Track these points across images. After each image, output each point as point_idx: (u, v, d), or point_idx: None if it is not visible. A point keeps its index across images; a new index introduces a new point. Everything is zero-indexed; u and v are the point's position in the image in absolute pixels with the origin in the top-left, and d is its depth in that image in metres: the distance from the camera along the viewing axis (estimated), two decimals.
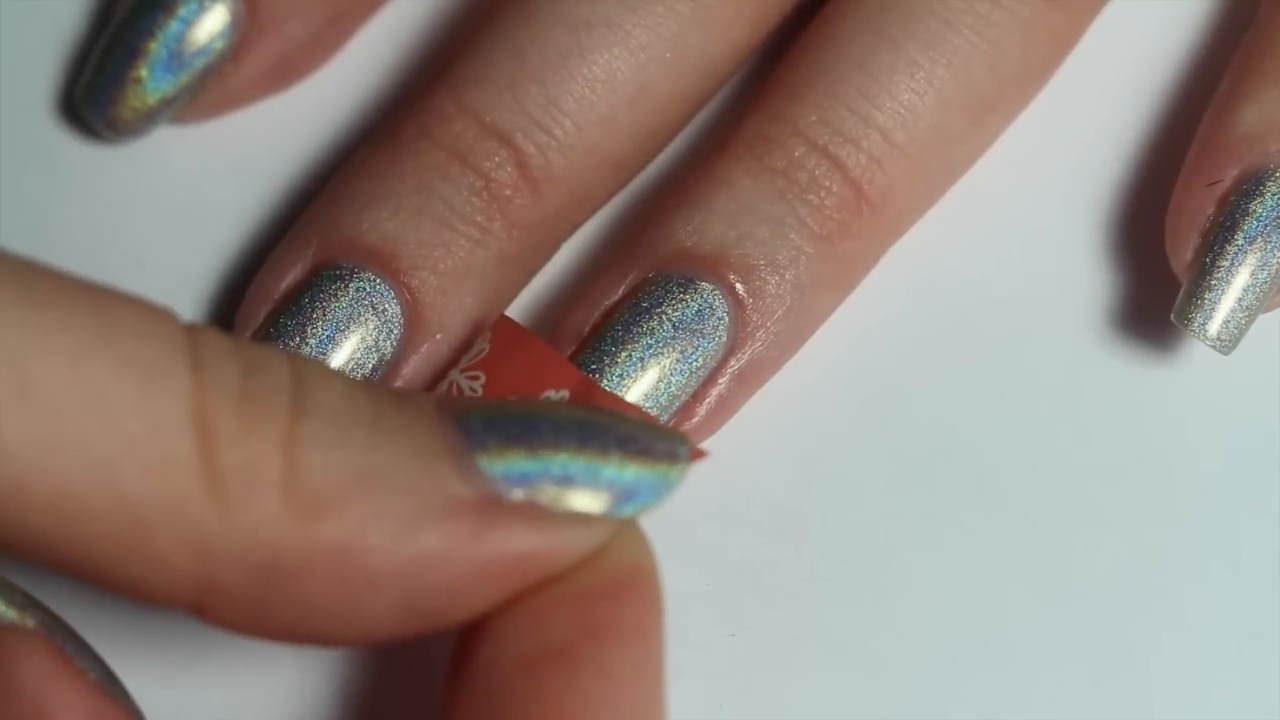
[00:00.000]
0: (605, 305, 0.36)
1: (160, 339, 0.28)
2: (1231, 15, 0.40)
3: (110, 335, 0.27)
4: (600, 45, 0.36)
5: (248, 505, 0.27)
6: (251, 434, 0.28)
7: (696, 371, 0.36)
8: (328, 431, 0.28)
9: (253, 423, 0.28)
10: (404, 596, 0.28)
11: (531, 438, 0.29)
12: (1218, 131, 0.37)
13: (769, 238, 0.36)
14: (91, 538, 0.27)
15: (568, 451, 0.29)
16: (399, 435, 0.29)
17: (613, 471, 0.29)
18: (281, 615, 0.28)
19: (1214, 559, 0.37)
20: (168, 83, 0.37)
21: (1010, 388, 0.38)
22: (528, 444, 0.29)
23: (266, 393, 0.28)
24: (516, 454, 0.29)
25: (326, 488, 0.28)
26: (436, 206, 0.36)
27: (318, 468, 0.28)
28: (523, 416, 0.29)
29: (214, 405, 0.27)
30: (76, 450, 0.27)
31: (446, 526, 0.28)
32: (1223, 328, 0.36)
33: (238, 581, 0.28)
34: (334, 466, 0.28)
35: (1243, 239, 0.36)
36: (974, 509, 0.37)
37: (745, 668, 0.36)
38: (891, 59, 0.37)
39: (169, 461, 0.27)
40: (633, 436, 0.30)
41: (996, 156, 0.38)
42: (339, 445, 0.28)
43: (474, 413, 0.29)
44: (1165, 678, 0.36)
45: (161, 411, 0.27)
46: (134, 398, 0.27)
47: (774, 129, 0.36)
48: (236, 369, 0.28)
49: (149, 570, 0.28)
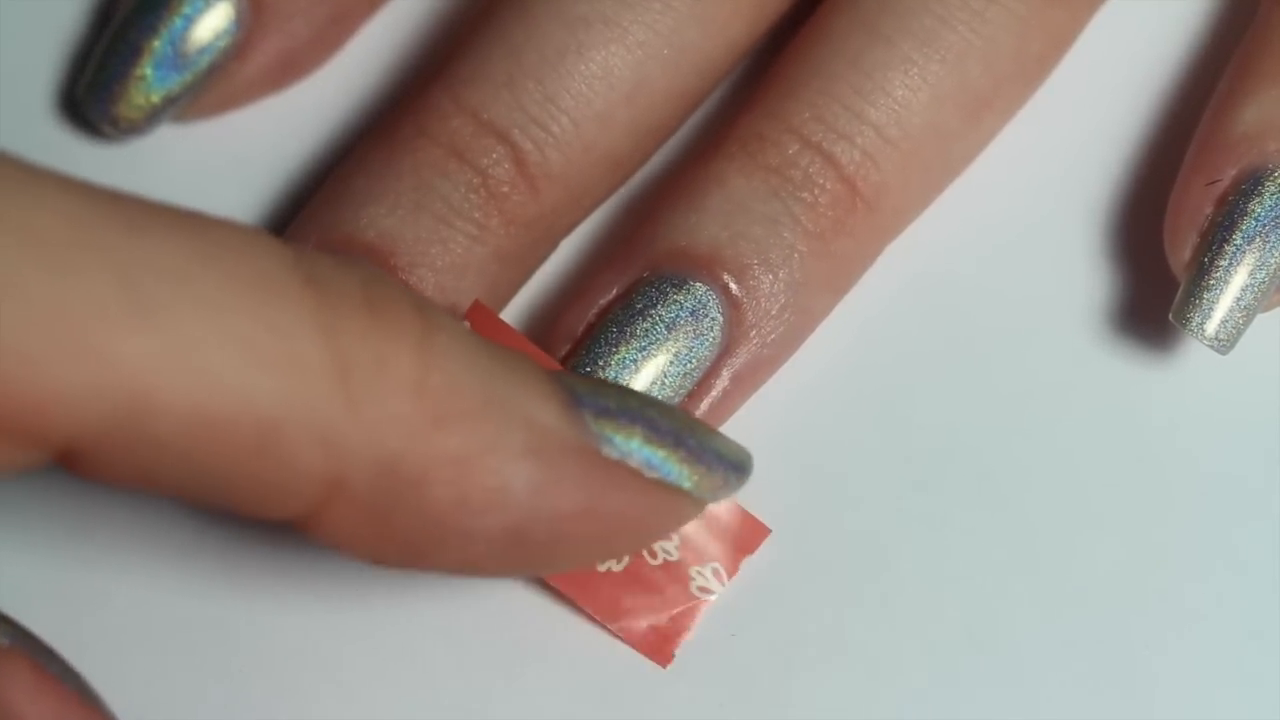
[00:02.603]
0: (599, 305, 0.36)
1: (269, 255, 0.28)
2: (1230, 14, 0.40)
3: (216, 253, 0.27)
4: (598, 42, 0.36)
5: (379, 402, 0.28)
6: (384, 334, 0.28)
7: (691, 371, 0.36)
8: (457, 348, 0.29)
9: (384, 325, 0.28)
10: (514, 522, 0.29)
11: (630, 415, 0.31)
12: (1216, 131, 0.37)
13: (763, 236, 0.36)
14: (221, 446, 0.27)
15: (672, 427, 0.31)
16: (519, 373, 0.30)
17: (704, 451, 0.32)
18: (399, 526, 0.29)
19: (1214, 559, 0.36)
20: (171, 80, 0.37)
21: (1009, 387, 0.38)
22: (628, 419, 0.31)
23: (392, 302, 0.28)
24: (617, 425, 0.31)
25: (457, 399, 0.28)
26: (434, 203, 0.36)
27: (450, 377, 0.28)
28: (622, 396, 0.31)
29: (338, 309, 0.28)
30: (200, 361, 0.27)
31: (561, 462, 0.29)
32: (1221, 327, 0.36)
33: (363, 482, 0.28)
34: (464, 381, 0.29)
35: (1241, 238, 0.36)
36: (974, 509, 0.37)
37: (745, 668, 0.36)
38: (886, 56, 0.36)
39: (295, 362, 0.27)
40: (712, 438, 0.32)
41: (994, 155, 0.38)
42: (469, 364, 0.29)
43: (577, 382, 0.31)
44: (1166, 678, 0.36)
45: (281, 316, 0.27)
46: (250, 307, 0.27)
47: (768, 126, 0.36)
48: (356, 282, 0.28)
49: (279, 473, 0.28)
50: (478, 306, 0.34)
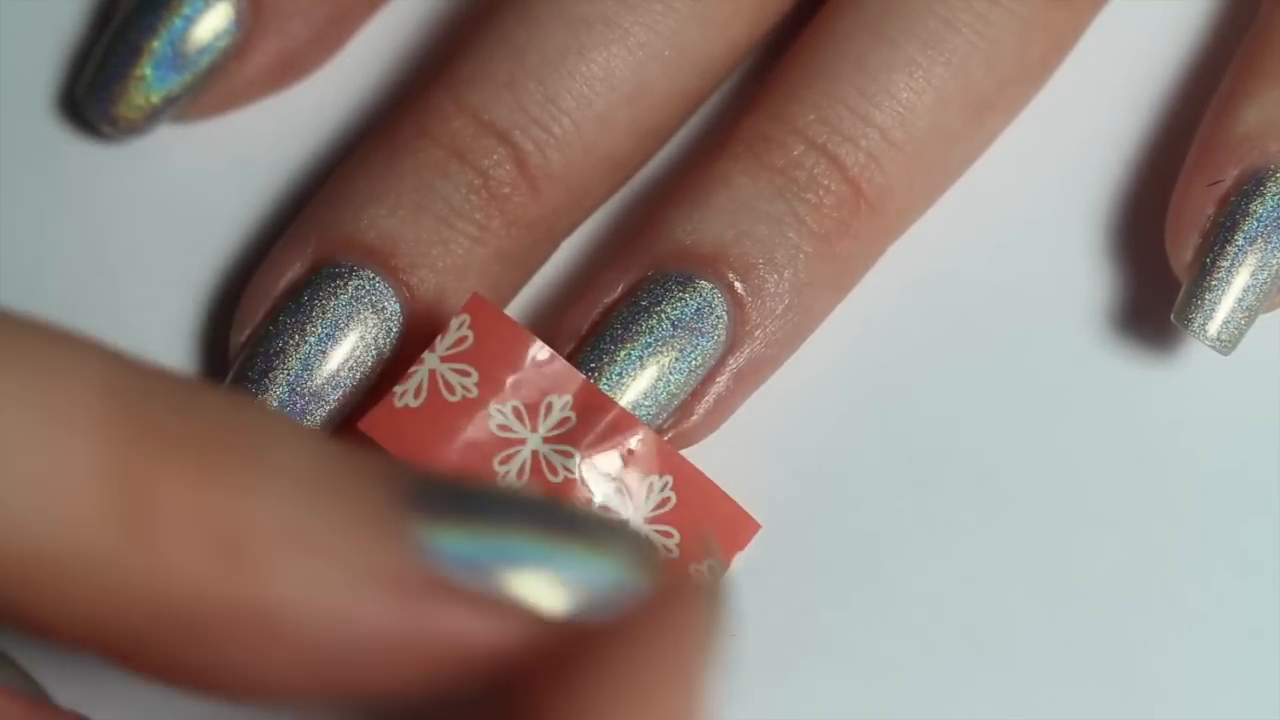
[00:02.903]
0: (604, 304, 0.36)
1: (75, 376, 0.26)
2: (1231, 15, 0.40)
3: (11, 371, 0.25)
4: (599, 43, 0.36)
5: (170, 551, 0.26)
6: (182, 478, 0.26)
7: (695, 370, 0.36)
8: (270, 484, 0.26)
9: (183, 467, 0.26)
10: (327, 666, 0.27)
11: (488, 516, 0.27)
12: (1218, 131, 0.37)
13: (768, 236, 0.36)
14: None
15: (525, 534, 0.27)
16: (344, 497, 0.27)
17: (570, 560, 0.27)
18: (194, 670, 0.27)
19: (1214, 559, 0.37)
20: (170, 81, 0.37)
21: (1010, 388, 0.38)
22: (483, 521, 0.27)
23: (203, 436, 0.26)
24: (469, 531, 0.27)
25: (263, 544, 0.26)
26: (435, 204, 0.36)
27: (255, 521, 0.26)
28: (483, 495, 0.27)
29: (136, 446, 0.25)
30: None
31: (380, 601, 0.26)
32: (1223, 328, 0.36)
33: (150, 632, 0.26)
34: (273, 522, 0.26)
35: (1243, 239, 0.36)
36: (974, 509, 0.37)
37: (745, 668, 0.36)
38: (890, 58, 0.36)
39: (78, 505, 0.25)
40: (598, 529, 0.28)
41: (997, 156, 0.38)
42: (280, 501, 0.26)
43: (429, 482, 0.27)
44: (1166, 678, 0.36)
45: (68, 453, 0.25)
46: (35, 438, 0.25)
47: (772, 128, 0.36)
48: (168, 410, 0.26)
49: (56, 619, 0.26)
50: (476, 299, 0.34)
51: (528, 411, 0.34)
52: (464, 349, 0.34)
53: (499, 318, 0.34)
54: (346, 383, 0.36)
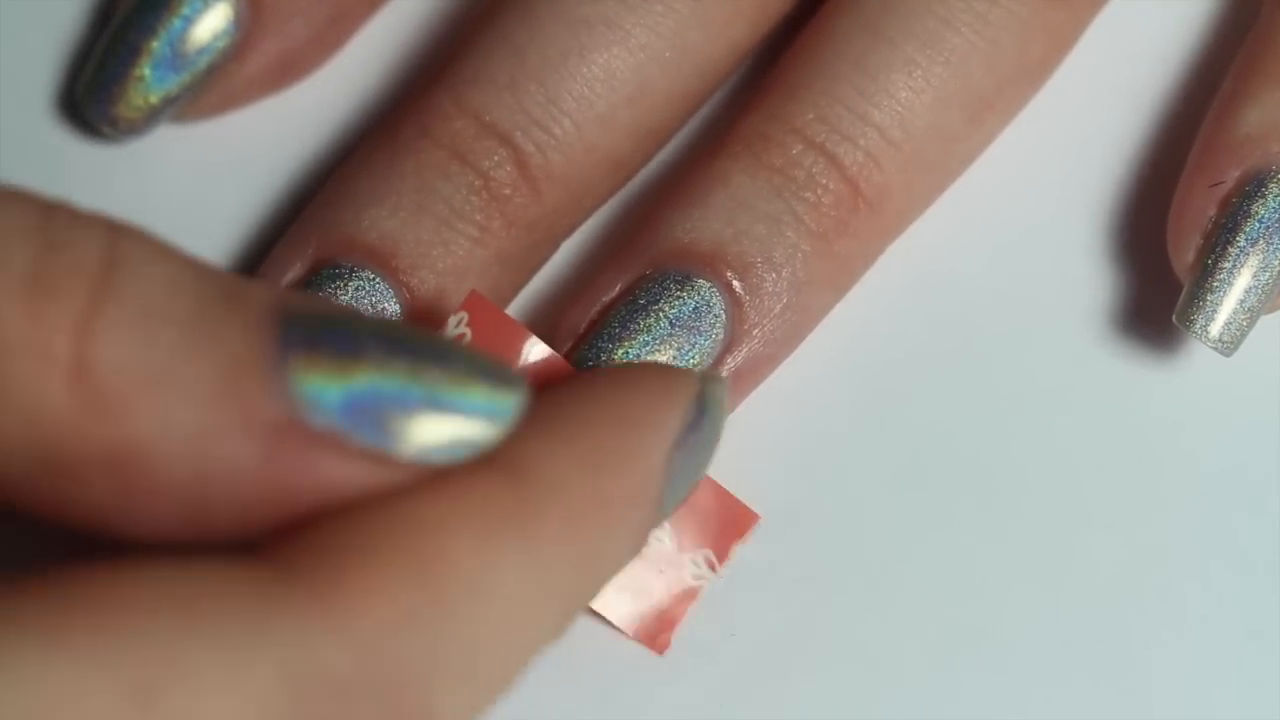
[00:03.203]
0: (602, 302, 0.36)
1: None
2: (1232, 16, 0.40)
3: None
4: (599, 44, 0.36)
5: (28, 392, 0.26)
6: (38, 318, 0.26)
7: (693, 368, 0.36)
8: (129, 323, 0.26)
9: (40, 307, 0.26)
10: (187, 507, 0.27)
11: (355, 352, 0.27)
12: (1219, 133, 0.37)
13: (766, 235, 0.36)
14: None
15: (390, 372, 0.27)
16: (211, 337, 0.26)
17: (439, 397, 0.27)
18: (62, 507, 0.27)
19: (1214, 559, 0.37)
20: (170, 81, 0.37)
21: (1010, 388, 0.38)
22: (349, 359, 0.27)
23: (64, 273, 0.26)
24: (335, 369, 0.27)
25: (116, 385, 0.26)
26: (436, 205, 0.36)
27: (110, 362, 0.26)
28: (349, 329, 0.27)
29: (7, 290, 0.26)
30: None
31: (236, 444, 0.26)
32: (1224, 329, 0.36)
33: (15, 472, 0.26)
34: (128, 363, 0.26)
35: (1244, 240, 0.36)
36: (974, 510, 0.37)
37: (745, 668, 0.36)
38: (889, 57, 0.37)
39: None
40: (468, 363, 0.28)
41: (997, 157, 0.38)
42: (139, 341, 0.26)
43: (303, 317, 0.27)
44: (1165, 677, 0.36)
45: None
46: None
47: (771, 127, 0.36)
48: (32, 246, 0.26)
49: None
50: (474, 297, 0.34)
51: None
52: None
53: (497, 315, 0.34)
54: None
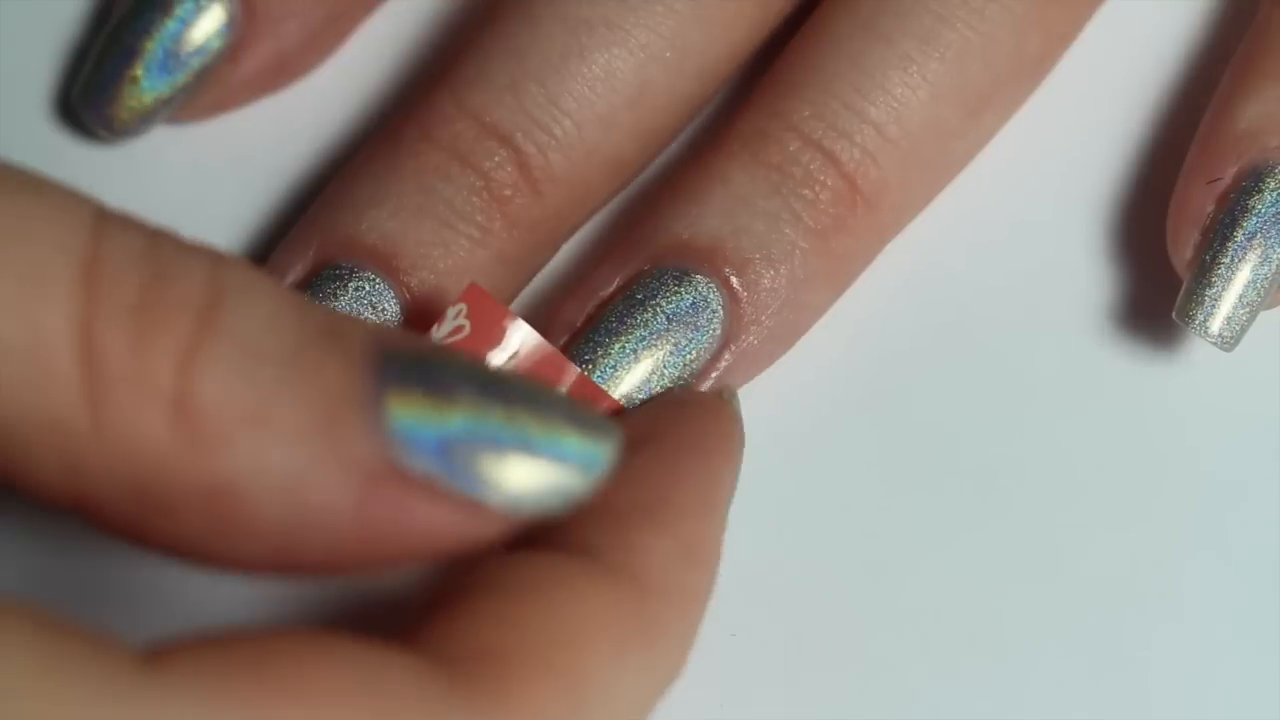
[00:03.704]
0: (600, 297, 0.36)
1: (51, 241, 0.26)
2: (1231, 12, 0.40)
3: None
4: (600, 45, 0.36)
5: (129, 422, 0.26)
6: (143, 350, 0.26)
7: (690, 364, 0.36)
8: (232, 358, 0.26)
9: (146, 338, 0.26)
10: (279, 544, 0.27)
11: (450, 391, 0.27)
12: (1218, 128, 0.37)
13: (764, 232, 0.36)
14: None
15: (485, 414, 0.27)
16: (310, 374, 0.26)
17: (535, 440, 0.27)
18: (156, 535, 0.27)
19: (1215, 558, 0.37)
20: (164, 83, 0.37)
21: (1008, 386, 0.38)
22: (445, 398, 0.27)
23: (171, 306, 0.26)
24: (431, 408, 0.27)
25: (218, 419, 0.26)
26: (437, 206, 0.36)
27: (210, 397, 0.26)
28: (445, 368, 0.27)
29: (103, 318, 0.26)
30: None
31: (332, 486, 0.26)
32: (1225, 325, 0.36)
33: (111, 499, 0.26)
34: (230, 399, 0.26)
35: (1243, 235, 0.36)
36: (973, 508, 0.37)
37: (745, 668, 0.36)
38: (885, 54, 0.37)
39: (45, 375, 0.26)
40: (562, 409, 0.28)
41: (995, 153, 0.38)
42: (241, 376, 0.26)
43: (400, 355, 0.27)
44: (1164, 676, 0.36)
45: (39, 322, 0.26)
46: (13, 310, 0.26)
47: (768, 124, 0.36)
48: (139, 277, 0.26)
49: (35, 481, 0.26)
50: (473, 289, 0.34)
51: None
52: (460, 338, 0.34)
53: (495, 307, 0.34)
54: None
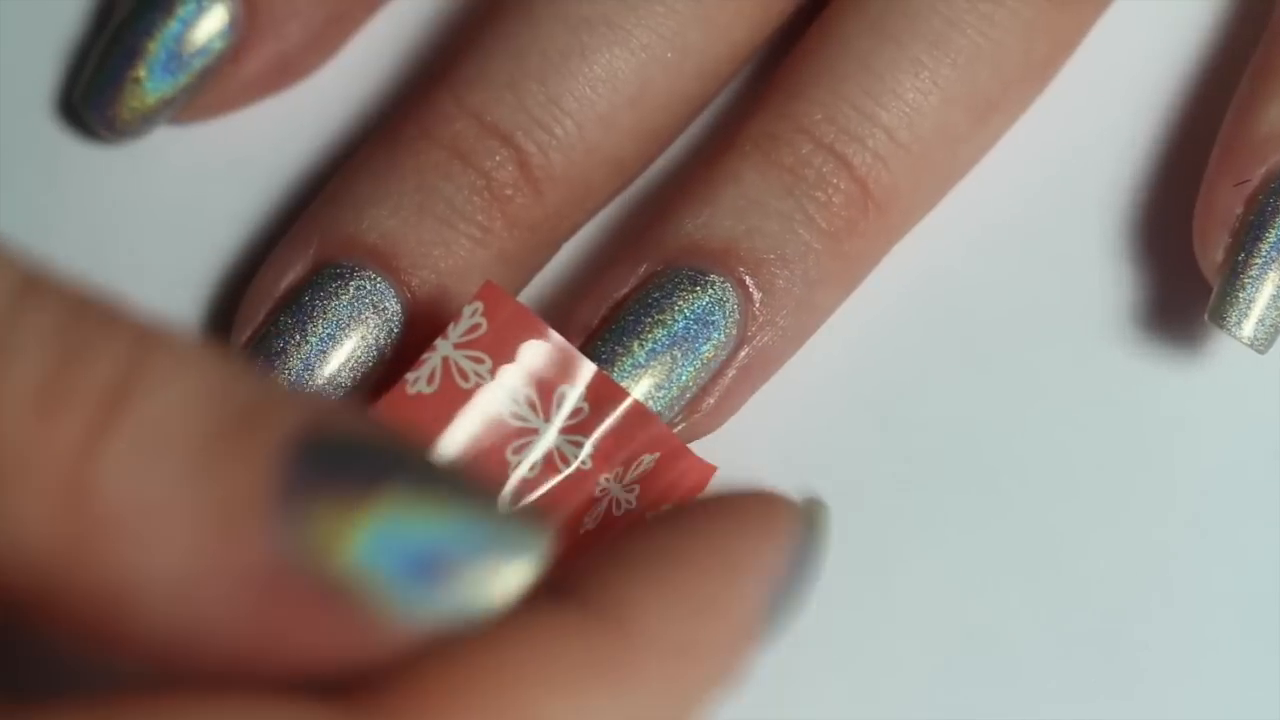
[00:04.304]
0: (614, 298, 0.36)
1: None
2: (1242, 12, 0.40)
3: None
4: (601, 44, 0.36)
5: (18, 506, 0.24)
6: (43, 432, 0.24)
7: (706, 364, 0.36)
8: (133, 449, 0.24)
9: (46, 421, 0.24)
10: (170, 648, 0.25)
11: (364, 494, 0.24)
12: (1240, 132, 0.37)
13: (778, 233, 0.36)
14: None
15: (404, 521, 0.24)
16: (217, 470, 0.24)
17: (458, 556, 0.24)
18: (41, 626, 0.25)
19: (1216, 558, 0.36)
20: (166, 83, 0.37)
21: (1013, 387, 0.37)
22: (357, 503, 0.24)
23: (78, 389, 0.25)
24: (340, 515, 0.24)
25: (110, 516, 0.24)
26: (437, 205, 0.36)
27: (108, 490, 0.24)
28: (384, 462, 0.24)
29: (5, 397, 0.24)
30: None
31: (224, 594, 0.24)
32: (1258, 326, 0.36)
33: (11, 585, 0.25)
34: (126, 494, 0.24)
35: (1275, 236, 0.36)
36: (977, 509, 0.37)
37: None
38: (896, 57, 0.37)
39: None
40: (492, 523, 0.24)
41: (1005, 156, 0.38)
42: (139, 470, 0.24)
43: (325, 448, 0.24)
44: (1167, 676, 0.36)
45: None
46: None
47: (780, 126, 0.37)
48: (51, 352, 0.25)
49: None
50: (490, 287, 0.34)
51: (541, 401, 0.34)
52: (477, 336, 0.34)
53: (512, 305, 0.34)
54: (347, 383, 0.36)
